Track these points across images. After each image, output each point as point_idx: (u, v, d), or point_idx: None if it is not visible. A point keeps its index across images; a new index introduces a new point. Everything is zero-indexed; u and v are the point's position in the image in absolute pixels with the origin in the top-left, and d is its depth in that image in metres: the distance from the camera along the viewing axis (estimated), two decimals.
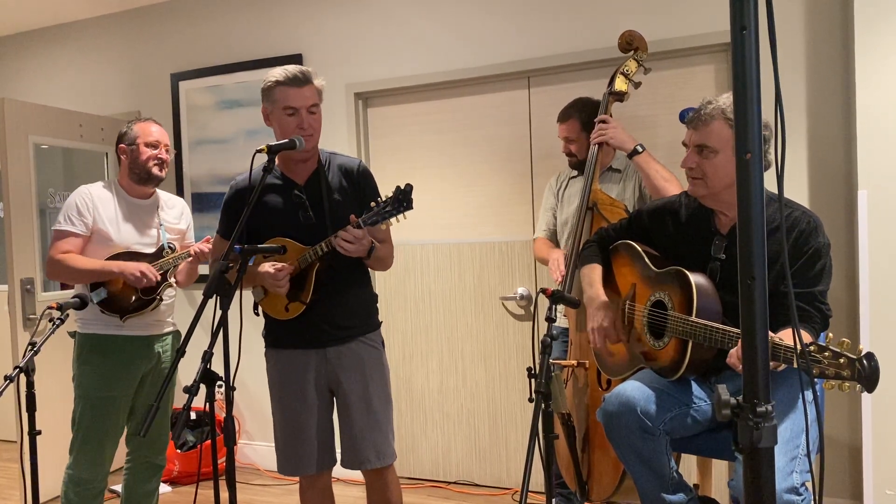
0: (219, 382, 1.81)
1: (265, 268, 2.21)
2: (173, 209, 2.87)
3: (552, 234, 3.02)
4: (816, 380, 1.67)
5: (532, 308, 3.49)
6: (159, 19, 4.27)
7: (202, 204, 4.18)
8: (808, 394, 1.80)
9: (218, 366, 1.82)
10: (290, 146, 2.15)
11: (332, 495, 2.46)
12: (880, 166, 2.70)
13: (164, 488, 3.77)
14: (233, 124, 4.07)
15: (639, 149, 2.60)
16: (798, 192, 2.98)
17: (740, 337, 1.05)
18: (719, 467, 2.96)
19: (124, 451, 2.82)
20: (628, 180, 2.84)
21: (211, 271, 2.39)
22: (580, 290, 2.40)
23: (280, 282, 2.20)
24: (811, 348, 1.58)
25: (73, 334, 2.71)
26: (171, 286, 2.76)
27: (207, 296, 1.82)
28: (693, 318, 1.95)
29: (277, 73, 2.24)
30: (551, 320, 1.99)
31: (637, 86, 2.74)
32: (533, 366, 1.91)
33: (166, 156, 2.74)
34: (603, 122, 2.66)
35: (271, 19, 3.96)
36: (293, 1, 3.90)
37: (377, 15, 3.72)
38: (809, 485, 1.85)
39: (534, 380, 1.87)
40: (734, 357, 1.80)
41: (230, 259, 1.91)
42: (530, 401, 1.86)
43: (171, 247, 2.76)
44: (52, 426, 2.93)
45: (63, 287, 3.73)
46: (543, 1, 3.38)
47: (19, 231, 3.60)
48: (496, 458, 3.64)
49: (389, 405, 2.38)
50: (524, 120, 3.51)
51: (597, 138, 2.66)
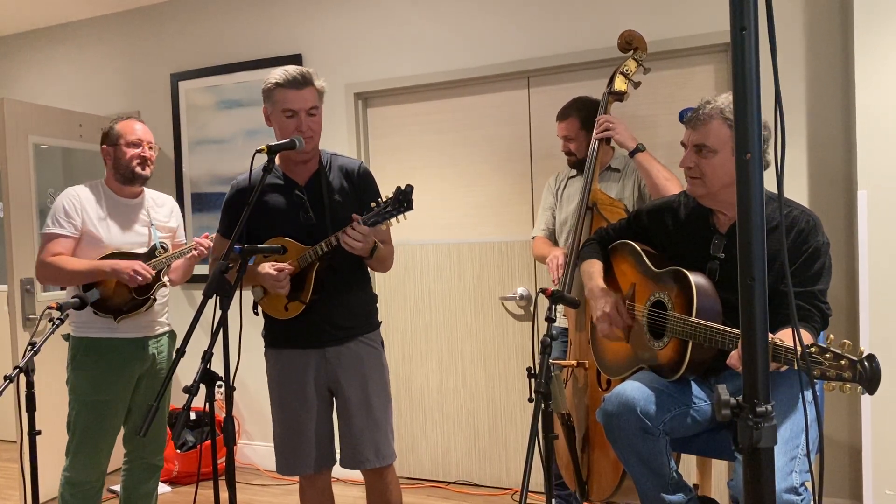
0: (218, 382, 1.81)
1: (266, 268, 2.21)
2: (163, 207, 2.84)
3: (551, 233, 3.03)
4: (817, 380, 1.67)
5: (532, 308, 3.49)
6: (159, 19, 4.27)
7: (202, 204, 4.18)
8: (808, 394, 1.80)
9: (218, 366, 1.82)
10: (289, 146, 2.15)
11: (332, 495, 2.46)
12: (880, 166, 2.70)
13: (163, 488, 3.77)
14: (232, 124, 4.07)
15: (640, 147, 2.60)
16: (798, 192, 2.98)
17: (740, 338, 1.05)
18: (719, 467, 2.96)
19: (121, 451, 2.81)
20: (627, 179, 2.84)
21: (211, 271, 2.39)
22: (580, 289, 2.40)
23: (281, 282, 2.20)
24: (812, 350, 1.58)
25: (67, 337, 2.69)
26: (164, 285, 2.74)
27: (207, 296, 1.82)
28: (693, 319, 1.95)
29: (277, 74, 2.23)
30: (551, 320, 1.99)
31: (637, 86, 2.74)
32: (533, 366, 1.91)
33: (150, 153, 2.69)
34: (608, 119, 2.66)
35: (271, 19, 3.96)
36: (293, 1, 3.90)
37: (377, 15, 3.72)
38: (809, 485, 1.85)
39: (533, 380, 1.87)
40: (734, 358, 1.80)
41: (230, 259, 1.91)
42: (530, 401, 1.86)
43: (164, 246, 2.73)
44: (52, 426, 2.93)
45: (63, 287, 3.73)
46: (543, 1, 3.38)
47: (19, 231, 3.60)
48: (496, 458, 3.64)
49: (389, 405, 2.38)
50: (524, 120, 3.51)
51: (602, 133, 2.65)
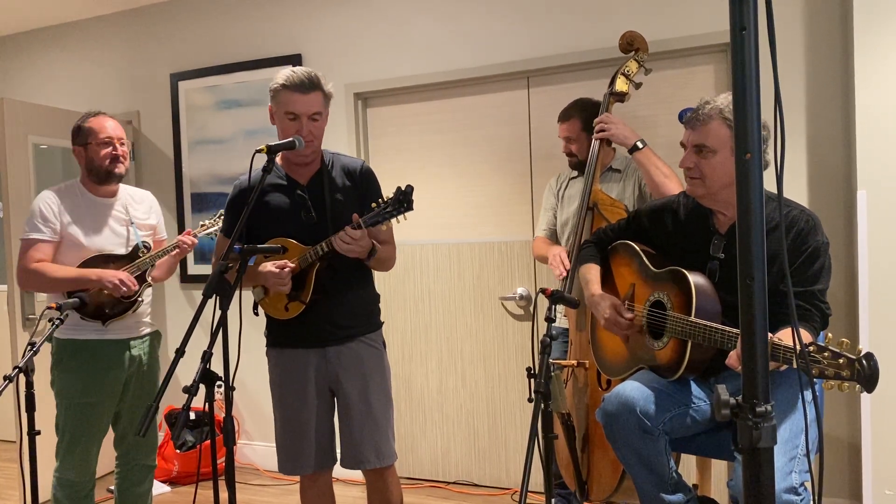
0: (218, 382, 1.81)
1: (267, 267, 2.22)
2: (141, 204, 2.78)
3: (552, 233, 3.03)
4: (816, 380, 1.67)
5: (532, 308, 3.49)
6: (159, 19, 4.27)
7: (201, 204, 4.18)
8: (808, 394, 1.80)
9: (217, 366, 1.82)
10: (289, 146, 2.16)
11: (333, 495, 2.46)
12: (880, 166, 2.71)
13: (163, 488, 3.77)
14: (232, 124, 4.06)
15: (639, 145, 2.59)
16: (797, 192, 2.98)
17: (739, 337, 1.05)
18: (718, 467, 2.96)
19: (112, 454, 2.77)
20: (628, 180, 2.84)
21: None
22: (581, 290, 2.40)
23: (283, 280, 2.21)
24: (811, 348, 1.58)
25: (50, 338, 2.61)
26: (150, 286, 2.71)
27: (207, 296, 1.82)
28: (692, 319, 1.95)
29: (285, 75, 2.22)
30: (551, 320, 1.99)
31: (638, 86, 2.75)
32: (532, 366, 1.91)
33: (123, 150, 2.62)
34: (605, 119, 2.66)
35: (271, 19, 3.96)
36: (293, 1, 3.90)
37: (377, 15, 3.72)
38: (808, 485, 1.85)
39: (533, 380, 1.88)
40: (734, 358, 1.80)
41: (230, 259, 1.91)
42: (530, 401, 1.86)
43: (147, 245, 2.69)
44: (51, 426, 2.92)
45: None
46: (543, 1, 3.38)
47: (19, 231, 3.56)
48: (495, 458, 3.64)
49: (390, 405, 2.38)
50: (524, 120, 3.51)
51: (599, 134, 2.66)
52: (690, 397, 2.06)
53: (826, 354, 1.56)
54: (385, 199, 2.14)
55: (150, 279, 2.69)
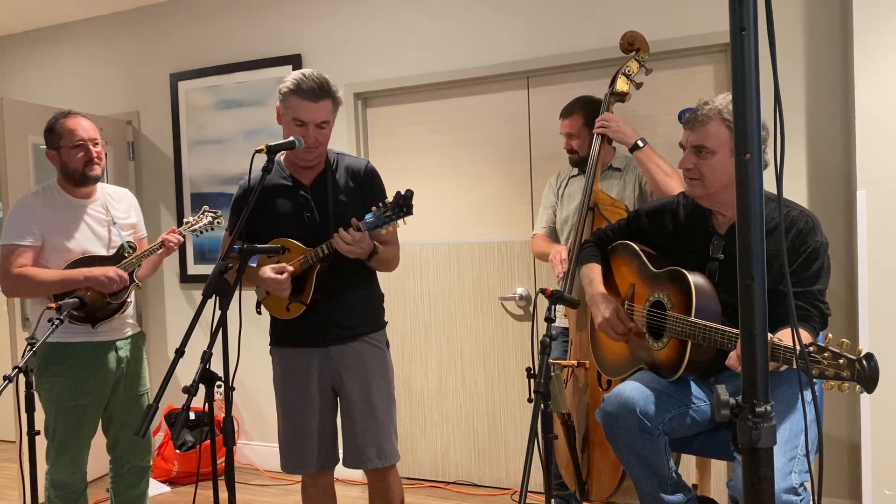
0: (218, 383, 1.81)
1: (266, 272, 2.21)
2: (121, 203, 2.73)
3: (551, 231, 3.03)
4: (815, 380, 1.67)
5: (531, 308, 3.49)
6: (158, 19, 4.27)
7: (201, 204, 4.14)
8: (807, 394, 1.80)
9: (217, 366, 1.82)
10: (289, 146, 2.15)
11: (334, 494, 2.46)
12: (879, 166, 2.71)
13: (163, 488, 3.77)
14: (232, 124, 4.06)
15: (640, 143, 2.60)
16: (797, 193, 2.98)
17: (739, 338, 1.05)
18: (718, 467, 2.96)
19: (104, 456, 2.75)
20: (628, 178, 2.84)
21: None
22: (582, 290, 2.40)
23: (282, 285, 2.20)
24: (811, 349, 1.58)
25: (33, 340, 2.59)
26: (138, 286, 2.68)
27: (207, 296, 1.82)
28: (692, 319, 1.95)
29: (296, 79, 2.19)
30: (550, 320, 1.99)
31: (638, 86, 2.75)
32: (532, 366, 1.91)
33: (97, 150, 2.55)
34: (605, 116, 2.67)
35: (271, 19, 3.96)
36: (293, 1, 3.90)
37: (377, 15, 3.72)
38: (808, 485, 1.85)
39: (533, 380, 1.87)
40: (734, 359, 1.80)
41: (229, 259, 1.91)
42: (529, 401, 1.86)
43: (132, 245, 2.65)
44: None
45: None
46: (543, 1, 3.38)
47: None
48: (495, 459, 3.64)
49: (392, 405, 2.38)
50: (524, 120, 3.51)
51: (599, 129, 2.66)
52: (690, 397, 2.06)
53: (826, 355, 1.56)
54: (385, 203, 2.14)
55: (137, 279, 2.65)
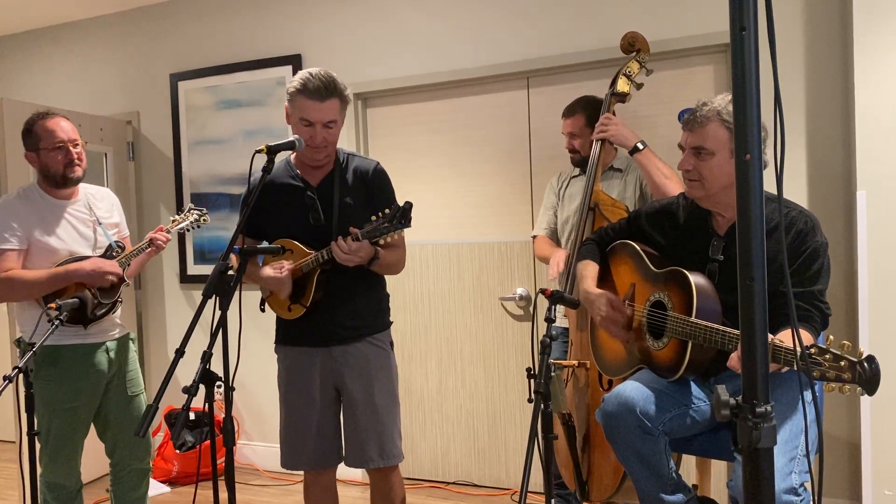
0: (218, 383, 1.80)
1: (266, 271, 2.22)
2: (103, 202, 2.69)
3: (552, 232, 3.03)
4: (816, 381, 1.67)
5: (531, 308, 3.49)
6: (158, 19, 4.27)
7: (201, 204, 4.15)
8: (808, 394, 1.80)
9: (217, 366, 1.82)
10: (289, 146, 2.15)
11: (336, 494, 2.46)
12: (879, 166, 2.70)
13: (163, 488, 3.77)
14: (232, 124, 4.06)
15: (640, 146, 2.60)
16: (797, 193, 2.98)
17: (740, 338, 1.05)
18: (718, 468, 2.96)
19: (100, 457, 2.74)
20: (629, 179, 2.84)
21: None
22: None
23: (282, 282, 2.21)
24: (812, 351, 1.58)
25: (20, 342, 2.55)
26: (128, 285, 2.66)
27: (207, 296, 1.82)
28: (692, 319, 1.95)
29: (303, 78, 2.19)
30: (550, 321, 1.99)
31: (639, 87, 2.75)
32: (532, 366, 1.91)
33: (78, 151, 2.51)
34: (605, 119, 2.66)
35: (271, 19, 3.96)
36: (293, 1, 3.90)
37: (377, 15, 3.72)
38: (808, 485, 1.85)
39: (533, 380, 1.87)
40: (735, 360, 1.79)
41: (231, 259, 1.91)
42: (529, 401, 1.86)
43: (120, 245, 2.63)
44: None
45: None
46: (543, 1, 3.38)
47: None
48: (495, 459, 3.64)
49: (396, 405, 2.38)
50: (523, 120, 3.51)
51: (598, 134, 2.66)
52: (690, 398, 2.06)
53: (827, 357, 1.56)
54: (383, 214, 2.12)
55: (126, 278, 2.63)
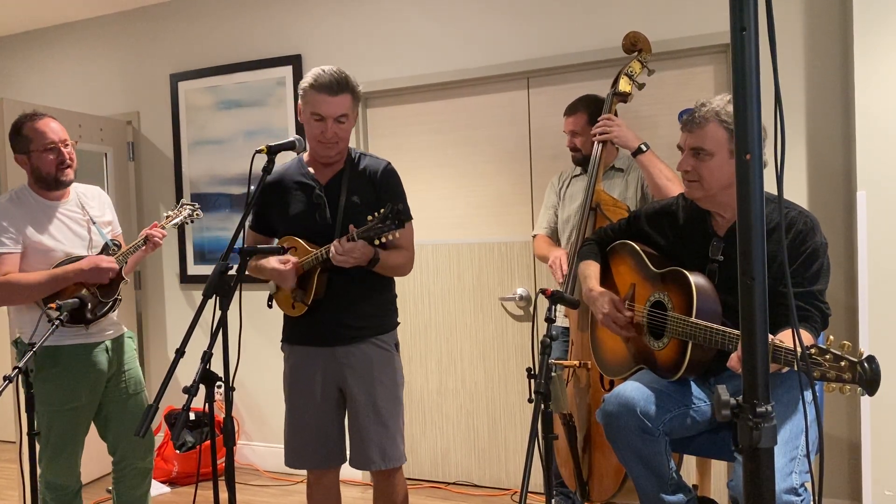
0: (218, 383, 1.80)
1: (271, 262, 2.22)
2: (95, 200, 2.68)
3: (553, 231, 3.03)
4: (816, 382, 1.67)
5: (531, 308, 3.49)
6: (159, 19, 4.27)
7: (201, 204, 4.13)
8: (808, 394, 1.80)
9: (217, 366, 1.82)
10: (289, 147, 2.15)
11: (339, 493, 2.46)
12: (879, 166, 2.71)
13: (163, 489, 3.77)
14: (232, 125, 4.06)
15: (643, 147, 2.59)
16: (797, 193, 2.98)
17: (740, 338, 1.05)
18: (718, 468, 2.96)
19: (102, 457, 2.73)
20: (630, 178, 2.84)
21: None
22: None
23: (286, 276, 2.21)
24: (812, 351, 1.58)
25: (17, 343, 2.55)
26: (126, 283, 2.66)
27: (207, 296, 1.82)
28: (692, 319, 1.95)
29: (314, 74, 2.20)
30: (551, 321, 1.99)
31: (641, 87, 2.75)
32: (532, 366, 1.91)
33: (69, 151, 2.49)
34: (607, 120, 2.66)
35: (271, 19, 3.96)
36: (293, 1, 3.90)
37: (377, 15, 3.72)
38: (808, 485, 1.85)
39: (533, 380, 1.87)
40: (735, 361, 1.79)
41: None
42: (530, 401, 1.86)
43: (116, 244, 2.63)
44: None
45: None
46: (543, 1, 3.38)
47: None
48: (495, 459, 3.64)
49: (399, 407, 2.38)
50: (524, 120, 3.51)
51: (600, 136, 2.66)
52: (690, 398, 2.06)
53: (828, 357, 1.56)
54: (377, 214, 2.11)
55: (124, 276, 2.62)
